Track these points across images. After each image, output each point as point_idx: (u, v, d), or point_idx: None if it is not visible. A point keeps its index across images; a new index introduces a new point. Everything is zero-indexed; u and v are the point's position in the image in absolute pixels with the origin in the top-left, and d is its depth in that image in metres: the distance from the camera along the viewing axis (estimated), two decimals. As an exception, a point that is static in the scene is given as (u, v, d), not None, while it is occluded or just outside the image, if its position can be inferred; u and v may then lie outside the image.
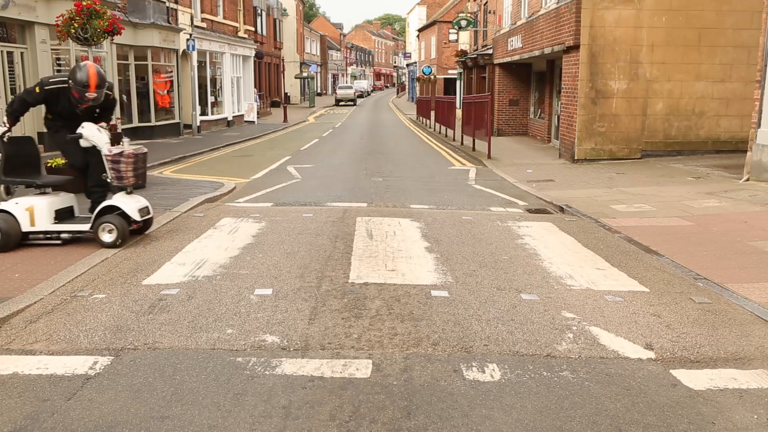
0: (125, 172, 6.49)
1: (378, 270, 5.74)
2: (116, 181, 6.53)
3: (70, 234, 6.60)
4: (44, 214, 6.45)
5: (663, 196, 9.85)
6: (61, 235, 6.56)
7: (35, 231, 6.46)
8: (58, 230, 6.55)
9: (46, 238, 6.53)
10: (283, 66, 46.60)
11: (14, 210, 6.35)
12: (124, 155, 6.44)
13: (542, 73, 21.41)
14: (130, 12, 20.48)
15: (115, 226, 6.42)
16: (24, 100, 6.73)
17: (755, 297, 5.01)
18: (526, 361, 3.86)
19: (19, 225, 6.35)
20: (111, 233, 6.43)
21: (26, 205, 6.40)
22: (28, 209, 6.39)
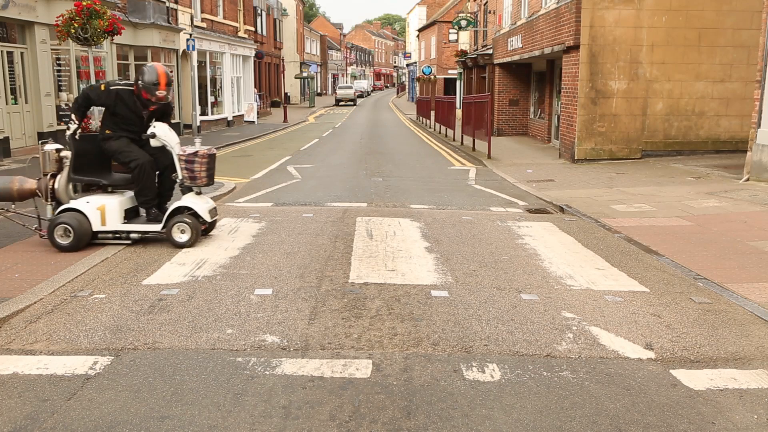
0: (199, 172, 6.49)
1: (378, 270, 5.74)
2: (189, 180, 6.52)
3: (139, 234, 6.61)
4: (115, 214, 6.45)
5: (663, 196, 9.85)
6: (131, 235, 6.57)
7: (105, 230, 6.47)
8: (128, 230, 6.55)
9: (115, 237, 6.54)
10: (283, 66, 46.61)
11: (86, 209, 6.34)
12: (199, 155, 6.45)
13: (542, 73, 21.41)
14: (130, 12, 20.48)
15: (189, 226, 6.43)
16: (87, 96, 6.60)
17: (755, 297, 5.01)
18: (526, 361, 3.86)
19: (90, 224, 6.34)
20: (184, 233, 6.44)
21: (97, 204, 6.39)
22: (99, 208, 6.39)
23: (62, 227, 6.22)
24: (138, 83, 6.47)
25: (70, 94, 17.86)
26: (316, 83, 68.69)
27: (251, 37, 34.25)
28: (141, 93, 6.49)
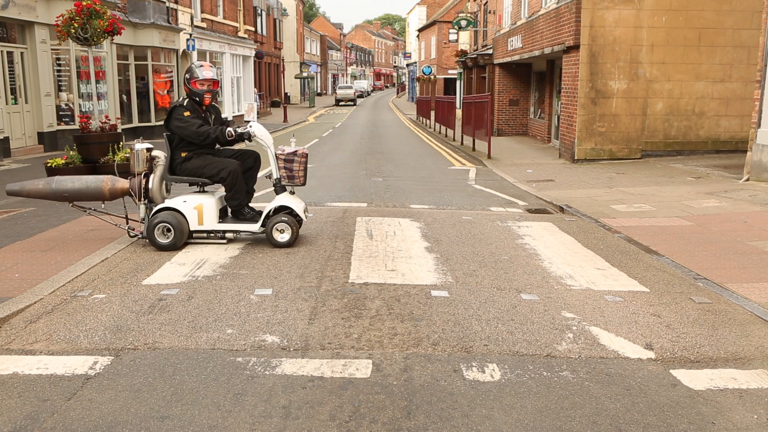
0: (297, 171, 6.51)
1: (378, 270, 5.74)
2: (287, 180, 6.55)
3: (235, 233, 6.67)
4: (212, 213, 6.49)
5: (663, 196, 9.85)
6: (226, 235, 6.62)
7: (202, 230, 6.51)
8: (224, 229, 6.59)
9: (209, 236, 6.58)
10: (283, 66, 46.61)
11: (184, 208, 6.39)
12: (299, 154, 6.47)
13: (542, 73, 21.42)
14: (130, 12, 20.48)
15: (290, 225, 6.46)
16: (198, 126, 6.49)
17: (755, 297, 5.01)
18: (526, 361, 3.85)
19: (188, 223, 6.39)
20: (284, 233, 6.48)
21: (195, 204, 6.43)
22: (196, 208, 6.43)
23: (162, 226, 6.29)
24: (186, 81, 6.50)
25: (70, 94, 17.87)
26: (316, 83, 68.69)
27: (251, 37, 34.25)
28: (192, 85, 6.48)
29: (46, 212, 8.45)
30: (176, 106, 6.51)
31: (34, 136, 16.44)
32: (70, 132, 15.98)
